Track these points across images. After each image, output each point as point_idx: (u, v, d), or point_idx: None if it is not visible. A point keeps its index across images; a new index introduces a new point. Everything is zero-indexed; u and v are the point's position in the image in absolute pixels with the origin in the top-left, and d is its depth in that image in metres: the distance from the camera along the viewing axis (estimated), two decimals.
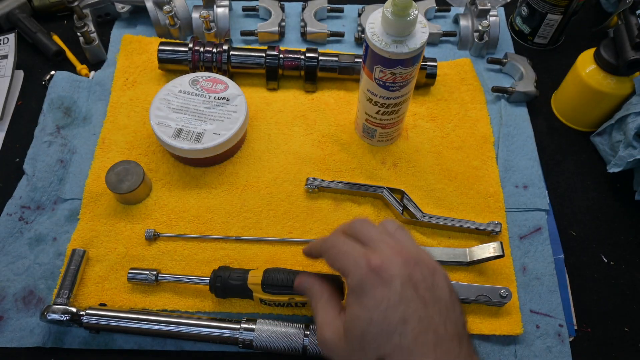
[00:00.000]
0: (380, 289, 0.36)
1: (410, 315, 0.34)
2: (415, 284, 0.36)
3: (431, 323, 0.35)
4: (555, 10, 0.66)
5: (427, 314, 0.35)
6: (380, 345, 0.35)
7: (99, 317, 0.48)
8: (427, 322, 0.34)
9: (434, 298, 0.36)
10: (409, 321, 0.34)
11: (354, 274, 0.38)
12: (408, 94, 0.55)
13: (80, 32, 0.66)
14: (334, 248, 0.41)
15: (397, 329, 0.34)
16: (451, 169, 0.61)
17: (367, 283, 0.36)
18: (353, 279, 0.38)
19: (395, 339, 0.34)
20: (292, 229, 0.56)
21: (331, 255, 0.41)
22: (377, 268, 0.37)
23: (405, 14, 0.46)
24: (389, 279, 0.36)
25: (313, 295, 0.43)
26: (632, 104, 0.58)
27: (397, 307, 0.35)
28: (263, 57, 0.65)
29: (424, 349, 0.34)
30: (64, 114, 0.64)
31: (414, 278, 0.36)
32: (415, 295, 0.35)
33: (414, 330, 0.34)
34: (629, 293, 0.54)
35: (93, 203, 0.57)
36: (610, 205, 0.60)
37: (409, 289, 0.36)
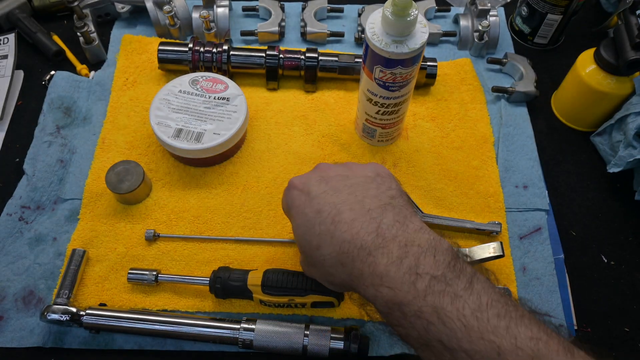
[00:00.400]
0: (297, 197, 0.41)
1: (323, 205, 0.38)
2: (326, 180, 0.40)
3: (346, 204, 0.38)
4: (555, 10, 0.66)
5: (340, 199, 0.38)
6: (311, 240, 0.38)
7: (99, 317, 0.48)
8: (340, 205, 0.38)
9: (347, 185, 0.40)
10: (323, 210, 0.38)
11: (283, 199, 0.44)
12: (408, 94, 0.55)
13: (80, 32, 0.66)
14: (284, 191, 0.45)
15: (315, 220, 0.38)
16: (451, 169, 0.61)
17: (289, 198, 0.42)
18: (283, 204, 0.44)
19: (316, 229, 0.38)
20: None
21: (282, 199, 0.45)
22: (292, 183, 0.42)
23: (405, 14, 0.46)
24: (301, 186, 0.41)
25: None
26: (632, 104, 0.58)
27: (310, 203, 0.39)
28: (263, 57, 0.65)
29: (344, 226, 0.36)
30: (64, 114, 0.64)
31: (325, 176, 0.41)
32: (326, 188, 0.39)
33: (330, 214, 0.37)
34: (629, 293, 0.54)
35: (93, 203, 0.57)
36: (610, 205, 0.60)
37: (321, 185, 0.40)
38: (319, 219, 0.38)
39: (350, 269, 0.36)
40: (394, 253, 0.34)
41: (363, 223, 0.36)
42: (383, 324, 0.51)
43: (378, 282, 0.34)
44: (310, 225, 0.38)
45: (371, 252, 0.35)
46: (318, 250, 0.38)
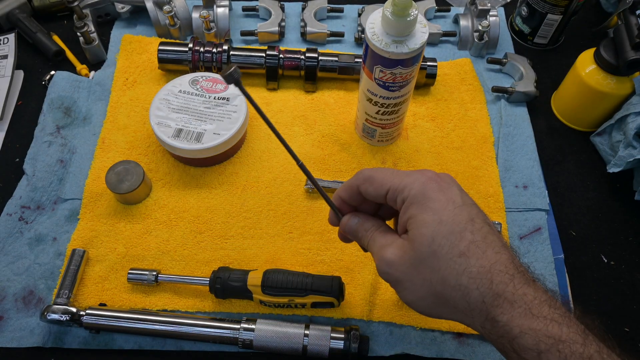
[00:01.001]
0: (442, 193, 0.35)
1: (476, 215, 0.35)
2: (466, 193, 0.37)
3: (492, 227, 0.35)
4: (555, 10, 0.66)
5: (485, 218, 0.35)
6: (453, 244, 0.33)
7: (99, 317, 0.48)
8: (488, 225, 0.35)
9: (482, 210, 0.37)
10: (476, 220, 0.34)
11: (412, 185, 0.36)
12: (408, 94, 0.55)
13: (80, 32, 0.66)
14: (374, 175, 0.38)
15: (467, 226, 0.34)
16: (451, 169, 0.61)
17: (429, 189, 0.36)
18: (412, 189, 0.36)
19: (468, 236, 0.33)
20: (292, 229, 0.56)
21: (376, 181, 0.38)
22: (434, 177, 0.37)
23: (405, 14, 0.46)
24: (447, 186, 0.36)
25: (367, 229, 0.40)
26: (632, 104, 0.58)
27: (462, 207, 0.35)
28: (263, 57, 0.65)
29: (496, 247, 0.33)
30: (64, 114, 0.64)
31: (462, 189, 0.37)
32: (471, 202, 0.36)
33: (482, 229, 0.34)
34: (629, 293, 0.54)
35: (93, 203, 0.57)
36: (610, 205, 0.60)
37: (465, 196, 0.36)
38: (471, 227, 0.34)
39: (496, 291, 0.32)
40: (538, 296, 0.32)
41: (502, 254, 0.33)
42: (383, 323, 0.51)
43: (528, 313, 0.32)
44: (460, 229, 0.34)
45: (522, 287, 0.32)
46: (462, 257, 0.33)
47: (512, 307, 0.31)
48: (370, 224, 0.40)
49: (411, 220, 0.36)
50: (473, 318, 0.33)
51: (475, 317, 0.33)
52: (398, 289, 0.37)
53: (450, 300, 0.34)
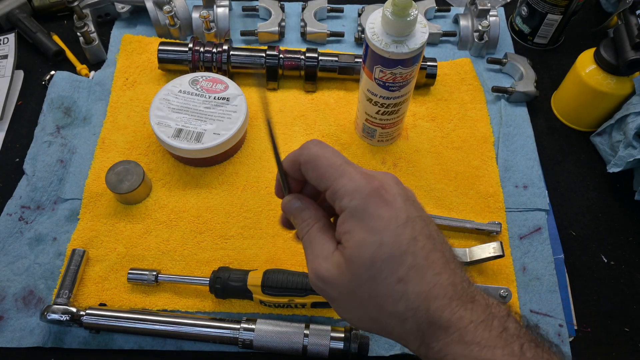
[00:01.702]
0: (386, 209, 0.32)
1: (419, 233, 0.32)
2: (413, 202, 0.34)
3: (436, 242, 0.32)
4: (555, 10, 0.66)
5: (430, 232, 0.32)
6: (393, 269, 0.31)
7: (99, 317, 0.48)
8: (432, 241, 0.32)
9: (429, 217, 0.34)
10: (419, 239, 0.31)
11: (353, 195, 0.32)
12: (408, 94, 0.55)
13: (80, 32, 0.66)
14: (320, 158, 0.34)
15: (409, 248, 0.31)
16: (451, 169, 0.61)
17: (372, 204, 0.32)
18: (353, 200, 0.32)
19: (408, 260, 0.31)
20: None
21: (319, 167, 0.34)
22: (379, 187, 0.32)
23: (405, 14, 0.46)
24: (392, 199, 0.32)
25: (305, 219, 0.36)
26: (632, 104, 0.58)
27: (405, 225, 0.31)
28: (263, 57, 0.65)
29: (436, 267, 0.31)
30: (64, 114, 0.64)
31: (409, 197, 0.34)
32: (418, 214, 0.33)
33: (425, 248, 0.31)
34: (629, 293, 0.54)
35: (93, 203, 0.57)
36: (610, 205, 0.60)
37: (411, 207, 0.33)
38: (412, 249, 0.31)
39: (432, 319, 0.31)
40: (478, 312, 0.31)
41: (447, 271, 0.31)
42: None
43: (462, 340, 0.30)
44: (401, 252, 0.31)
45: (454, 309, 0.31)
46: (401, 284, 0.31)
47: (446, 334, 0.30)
48: (310, 215, 0.36)
49: (348, 236, 0.32)
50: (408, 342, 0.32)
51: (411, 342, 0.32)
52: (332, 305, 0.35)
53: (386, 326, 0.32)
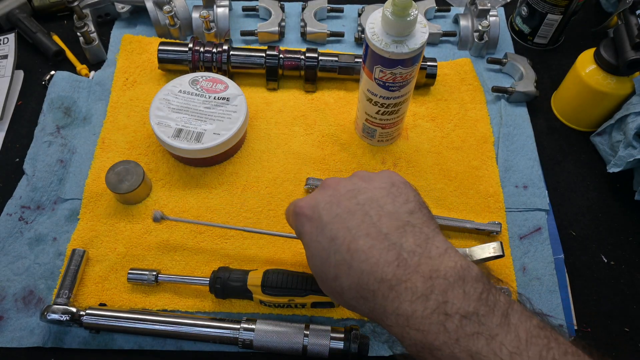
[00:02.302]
0: (307, 225, 0.37)
1: (337, 232, 0.35)
2: (337, 201, 0.37)
3: (361, 228, 0.34)
4: (555, 10, 0.66)
5: (355, 222, 0.35)
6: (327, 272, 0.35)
7: (99, 317, 0.48)
8: (355, 231, 0.34)
9: (360, 202, 0.36)
10: (337, 237, 0.35)
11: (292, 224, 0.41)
12: (408, 94, 0.55)
13: (80, 32, 0.66)
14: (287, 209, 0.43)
15: (331, 249, 0.35)
16: (451, 169, 0.61)
17: (298, 225, 0.39)
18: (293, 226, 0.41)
19: (332, 259, 0.35)
20: None
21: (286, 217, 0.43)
22: (300, 209, 0.39)
23: (405, 14, 0.46)
24: (311, 211, 0.37)
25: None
26: (632, 104, 0.58)
27: (324, 230, 0.36)
28: (263, 57, 0.65)
29: (361, 255, 0.33)
30: (64, 114, 0.64)
31: (335, 196, 0.37)
32: (338, 211, 0.36)
33: (345, 241, 0.34)
34: (629, 293, 0.54)
35: (93, 203, 0.57)
36: (610, 205, 0.60)
37: (332, 209, 0.36)
38: (333, 248, 0.34)
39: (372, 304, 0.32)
40: (418, 288, 0.31)
41: (382, 251, 0.33)
42: None
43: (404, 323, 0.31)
44: (326, 255, 0.35)
45: (393, 287, 0.31)
46: (336, 281, 0.34)
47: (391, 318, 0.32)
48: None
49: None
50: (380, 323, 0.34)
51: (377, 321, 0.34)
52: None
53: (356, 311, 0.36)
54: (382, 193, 0.37)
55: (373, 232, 0.34)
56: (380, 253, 0.33)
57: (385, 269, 0.32)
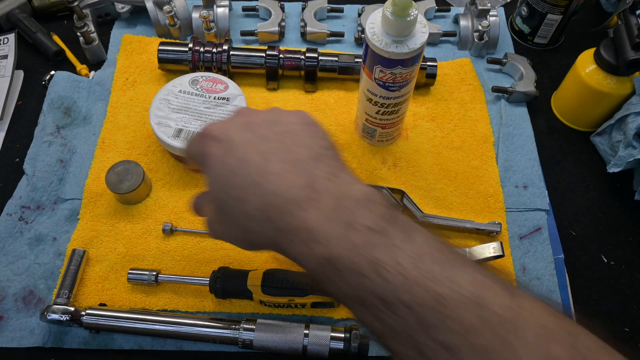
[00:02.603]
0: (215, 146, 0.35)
1: (249, 154, 0.34)
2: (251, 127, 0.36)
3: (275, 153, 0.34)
4: (555, 10, 0.66)
5: (270, 147, 0.35)
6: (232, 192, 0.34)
7: (99, 317, 0.48)
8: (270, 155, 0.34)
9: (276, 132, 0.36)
10: (249, 159, 0.34)
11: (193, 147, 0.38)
12: (408, 94, 0.55)
13: (80, 32, 0.66)
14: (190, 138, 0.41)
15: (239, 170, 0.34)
16: (451, 169, 0.61)
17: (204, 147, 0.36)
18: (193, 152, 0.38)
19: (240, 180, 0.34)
20: None
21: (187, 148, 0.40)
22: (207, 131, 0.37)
23: (405, 14, 0.46)
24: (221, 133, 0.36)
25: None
26: (632, 104, 0.58)
27: (233, 152, 0.35)
28: (263, 57, 0.65)
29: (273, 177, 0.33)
30: (64, 114, 0.64)
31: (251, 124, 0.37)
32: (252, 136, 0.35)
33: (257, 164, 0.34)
34: (629, 293, 0.54)
35: (93, 203, 0.57)
36: (610, 205, 0.60)
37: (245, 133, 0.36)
38: (243, 169, 0.34)
39: (277, 224, 0.32)
40: (327, 206, 0.31)
41: (295, 175, 0.33)
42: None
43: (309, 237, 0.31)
44: (233, 175, 0.34)
45: (302, 205, 0.31)
46: (241, 203, 0.34)
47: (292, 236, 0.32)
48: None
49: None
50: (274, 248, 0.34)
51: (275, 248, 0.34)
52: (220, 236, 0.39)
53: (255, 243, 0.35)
54: (298, 127, 0.37)
55: (287, 158, 0.34)
56: (293, 177, 0.33)
57: (297, 191, 0.32)
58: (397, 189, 0.59)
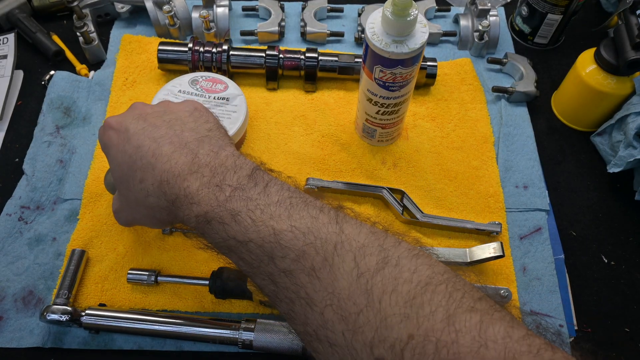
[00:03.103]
0: (115, 136, 0.42)
1: (143, 141, 0.40)
2: (144, 117, 0.42)
3: (165, 138, 0.40)
4: (555, 10, 0.66)
5: (159, 133, 0.41)
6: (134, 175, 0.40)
7: (99, 318, 0.48)
8: (160, 140, 0.40)
9: (166, 120, 0.42)
10: (143, 145, 0.40)
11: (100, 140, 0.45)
12: (408, 94, 0.55)
13: (79, 32, 0.66)
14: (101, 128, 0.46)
15: (136, 155, 0.40)
16: (451, 169, 0.61)
17: (106, 138, 0.43)
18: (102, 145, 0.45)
19: (138, 163, 0.40)
20: None
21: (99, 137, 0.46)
22: (108, 123, 0.44)
23: (405, 14, 0.46)
24: (118, 125, 0.43)
25: None
26: (632, 104, 0.58)
27: (129, 141, 0.41)
28: (263, 57, 0.65)
29: (163, 158, 0.39)
30: (64, 114, 0.64)
31: (143, 114, 0.43)
32: (144, 125, 0.41)
33: (150, 148, 0.40)
34: (629, 293, 0.54)
35: (93, 203, 0.57)
36: (610, 205, 0.60)
37: (139, 122, 0.42)
38: (140, 154, 0.40)
39: (169, 196, 0.38)
40: (205, 176, 0.37)
41: (181, 154, 0.39)
42: None
43: (189, 202, 0.37)
44: (132, 161, 0.40)
45: (186, 178, 0.38)
46: (141, 183, 0.40)
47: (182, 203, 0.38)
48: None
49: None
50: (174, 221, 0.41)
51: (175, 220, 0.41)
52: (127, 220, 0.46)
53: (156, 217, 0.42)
54: (185, 114, 0.43)
55: (176, 142, 0.40)
56: (180, 156, 0.39)
57: (183, 167, 0.38)
58: (397, 189, 0.59)
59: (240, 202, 0.36)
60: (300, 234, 0.34)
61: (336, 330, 0.31)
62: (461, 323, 0.29)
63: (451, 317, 0.29)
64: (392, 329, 0.29)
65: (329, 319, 0.32)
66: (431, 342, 0.28)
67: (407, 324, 0.29)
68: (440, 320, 0.29)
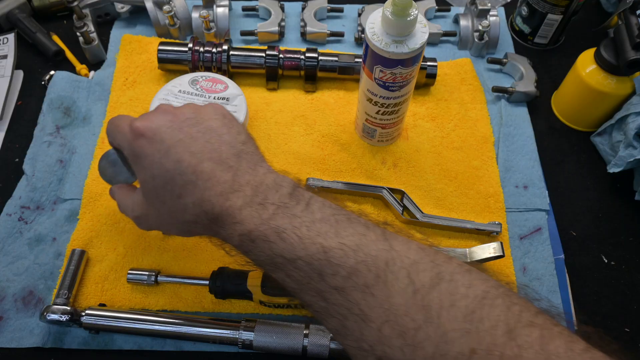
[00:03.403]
0: (148, 147, 0.40)
1: (182, 155, 0.39)
2: (179, 127, 0.40)
3: (204, 153, 0.39)
4: (555, 10, 0.66)
5: (198, 148, 0.39)
6: (173, 190, 0.39)
7: (99, 318, 0.48)
8: (200, 155, 0.39)
9: (201, 130, 0.40)
10: (183, 160, 0.39)
11: (123, 144, 0.43)
12: (408, 94, 0.55)
13: (79, 32, 0.66)
14: (111, 124, 0.45)
15: (176, 170, 0.39)
16: (451, 169, 0.61)
17: (138, 147, 0.40)
18: (125, 149, 0.42)
19: (178, 179, 0.39)
20: None
21: (109, 133, 0.45)
22: (138, 129, 0.40)
23: (405, 14, 0.46)
24: (153, 134, 0.40)
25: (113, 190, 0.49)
26: (633, 104, 0.58)
27: (168, 153, 0.39)
28: (263, 57, 0.65)
29: (205, 176, 0.38)
30: (64, 114, 0.64)
31: (176, 122, 0.40)
32: (182, 136, 0.40)
33: (190, 164, 0.38)
34: (629, 293, 0.54)
35: (93, 203, 0.57)
36: (610, 205, 0.60)
37: (175, 133, 0.40)
38: (179, 170, 0.39)
39: (210, 215, 0.38)
40: (247, 194, 0.37)
41: (222, 172, 0.38)
42: None
43: (232, 221, 0.37)
44: (170, 176, 0.39)
45: (228, 197, 0.37)
46: (179, 199, 0.39)
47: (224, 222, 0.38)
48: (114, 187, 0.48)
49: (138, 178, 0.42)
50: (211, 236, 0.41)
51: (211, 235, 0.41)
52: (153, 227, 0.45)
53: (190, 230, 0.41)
54: (217, 123, 0.41)
55: (215, 157, 0.39)
56: (221, 174, 0.38)
57: (224, 186, 0.38)
58: (397, 189, 0.59)
59: (284, 220, 0.36)
60: (351, 251, 0.34)
61: (394, 346, 0.31)
62: (522, 338, 0.29)
63: (512, 331, 0.29)
64: (454, 344, 0.30)
65: (386, 335, 0.32)
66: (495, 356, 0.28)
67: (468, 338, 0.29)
68: (502, 335, 0.29)
